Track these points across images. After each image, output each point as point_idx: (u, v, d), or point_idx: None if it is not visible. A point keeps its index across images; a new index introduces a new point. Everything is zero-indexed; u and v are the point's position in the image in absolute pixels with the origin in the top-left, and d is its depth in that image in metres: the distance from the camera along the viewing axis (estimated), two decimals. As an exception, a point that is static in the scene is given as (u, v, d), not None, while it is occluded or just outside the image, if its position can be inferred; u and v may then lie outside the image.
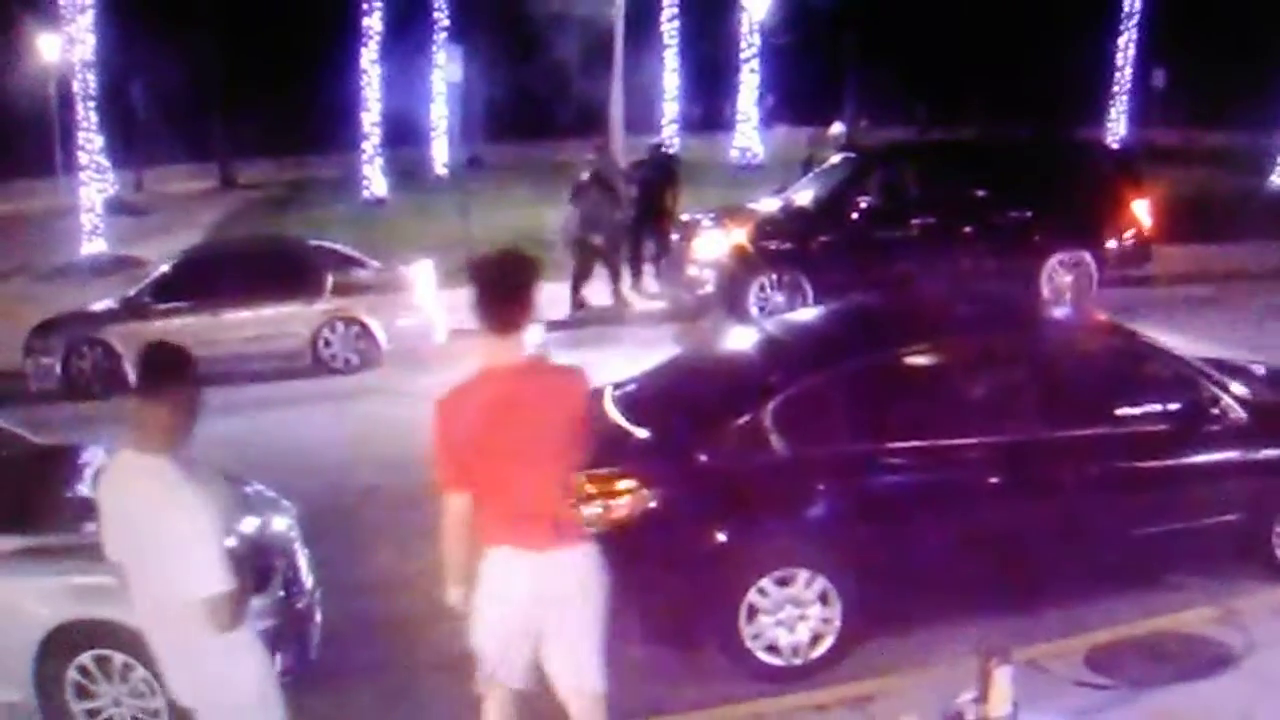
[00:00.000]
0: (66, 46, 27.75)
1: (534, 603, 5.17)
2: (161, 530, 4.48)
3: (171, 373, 4.63)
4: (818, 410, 7.35)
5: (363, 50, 31.96)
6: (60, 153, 31.55)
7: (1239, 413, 7.83)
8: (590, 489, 6.83)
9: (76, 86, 26.62)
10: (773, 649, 7.18)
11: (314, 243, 17.66)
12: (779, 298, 15.95)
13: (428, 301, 16.18)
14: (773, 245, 16.36)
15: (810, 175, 19.43)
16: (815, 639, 7.23)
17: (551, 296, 19.19)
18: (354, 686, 7.46)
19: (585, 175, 18.19)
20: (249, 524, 7.47)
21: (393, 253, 18.70)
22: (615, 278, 18.05)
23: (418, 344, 15.92)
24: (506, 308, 5.06)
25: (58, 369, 15.25)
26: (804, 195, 17.75)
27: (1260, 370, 8.91)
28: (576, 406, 5.20)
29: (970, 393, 7.86)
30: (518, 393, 5.06)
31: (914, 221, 16.49)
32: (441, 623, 8.11)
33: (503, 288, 5.08)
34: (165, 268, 16.37)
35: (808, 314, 11.13)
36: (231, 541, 4.74)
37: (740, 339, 9.10)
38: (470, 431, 5.04)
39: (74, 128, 26.96)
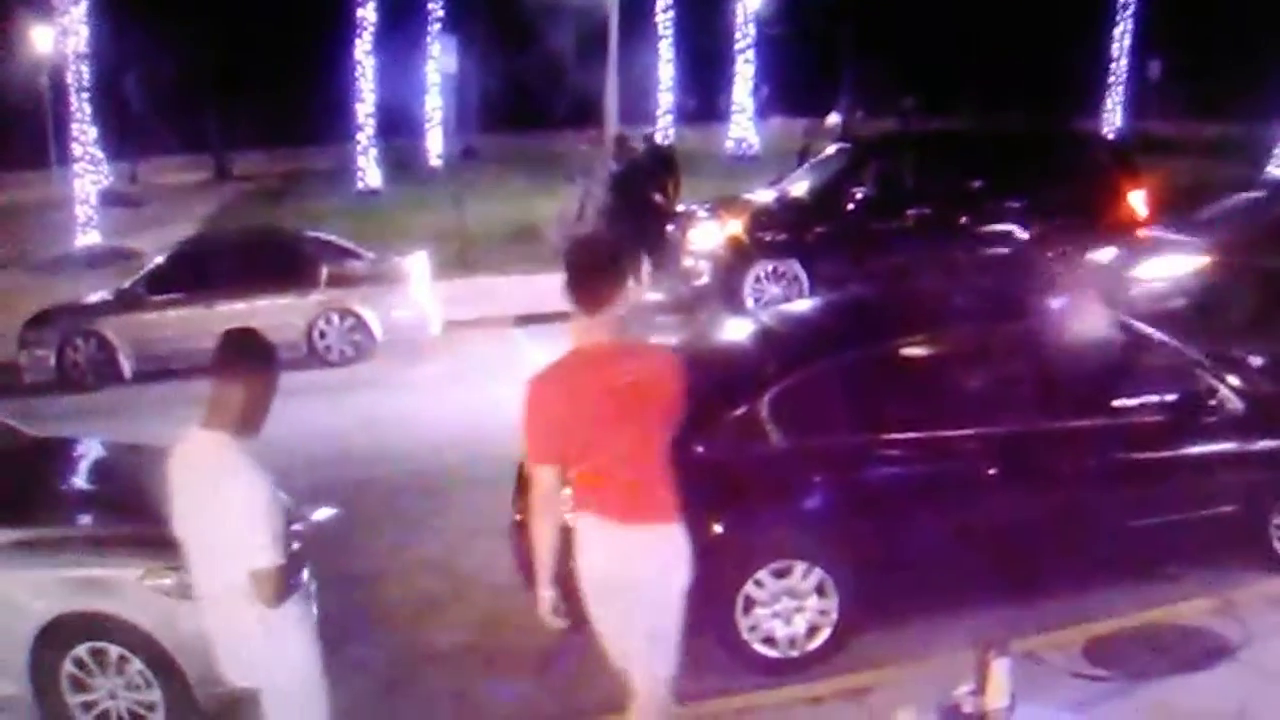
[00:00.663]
0: (60, 38, 27.67)
1: (617, 576, 5.21)
2: (219, 503, 4.61)
3: (247, 357, 4.80)
4: (814, 402, 7.32)
5: (357, 41, 31.92)
6: (54, 144, 31.52)
7: (1236, 403, 7.81)
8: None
9: (70, 78, 26.55)
10: (769, 641, 7.18)
11: (308, 234, 17.68)
12: (774, 289, 15.90)
13: (422, 293, 16.18)
14: (768, 236, 16.29)
15: (806, 166, 19.42)
16: (812, 631, 7.22)
17: (544, 289, 19.25)
18: (349, 681, 7.42)
19: (618, 165, 18.26)
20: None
21: (387, 244, 18.69)
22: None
23: (412, 336, 15.93)
24: (598, 287, 5.13)
25: (52, 361, 15.22)
26: (799, 186, 17.70)
27: (1257, 361, 8.89)
28: (667, 384, 5.23)
29: (967, 384, 7.83)
30: (608, 370, 5.12)
31: (909, 212, 16.42)
32: (436, 614, 8.26)
33: (594, 268, 5.18)
34: (159, 259, 16.36)
35: (804, 305, 11.11)
36: (284, 523, 4.79)
37: (736, 330, 9.08)
38: (561, 408, 5.14)
39: (68, 119, 26.91)
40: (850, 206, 16.55)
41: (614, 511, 5.19)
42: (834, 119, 35.15)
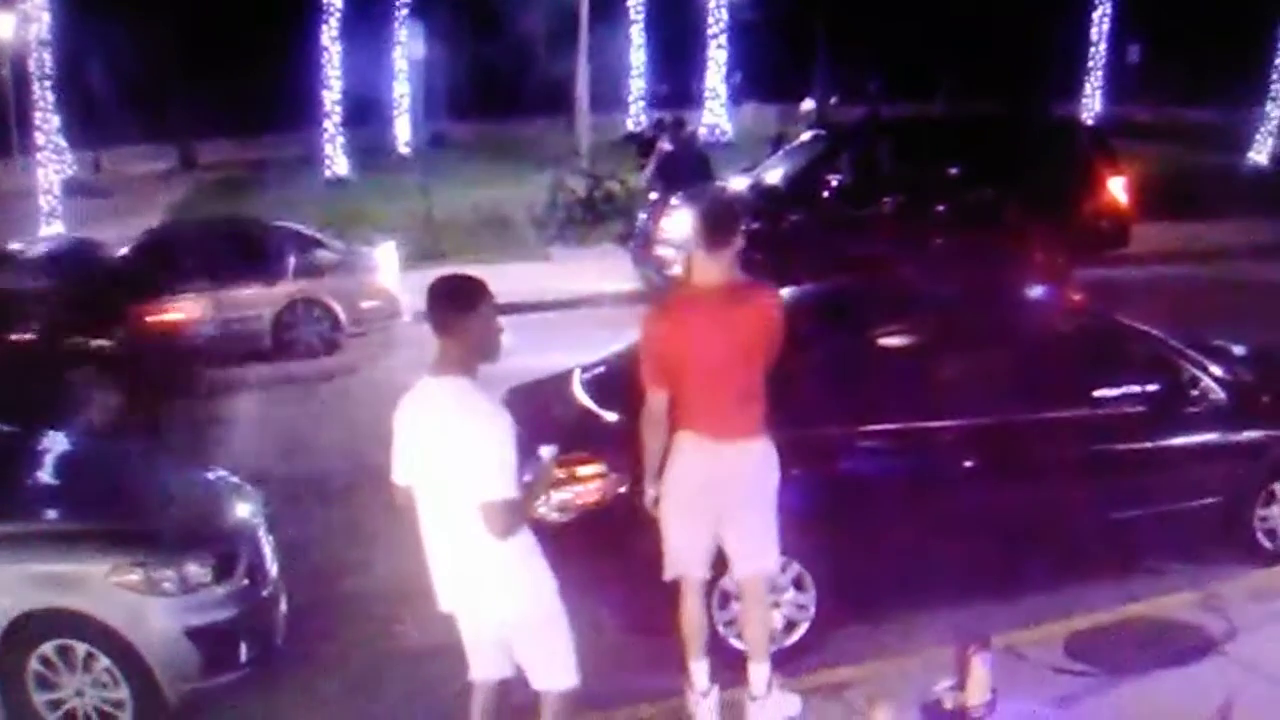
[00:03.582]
0: (21, 25, 27.44)
1: (710, 486, 5.93)
2: (453, 438, 4.83)
3: (454, 304, 4.99)
4: (790, 393, 7.21)
5: (323, 27, 31.70)
6: (16, 134, 31.23)
7: (1218, 394, 7.81)
8: (559, 473, 6.73)
9: (32, 66, 26.33)
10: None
11: (275, 224, 17.45)
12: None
13: (391, 283, 16.00)
14: (742, 224, 16.12)
15: (780, 153, 19.23)
16: (789, 626, 7.16)
17: (515, 277, 19.15)
18: (320, 675, 7.43)
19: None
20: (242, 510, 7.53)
21: (355, 233, 18.53)
22: None
23: (381, 326, 15.80)
24: (719, 229, 5.93)
25: (16, 354, 14.97)
26: (774, 174, 17.52)
27: (1240, 350, 8.88)
28: (769, 318, 5.95)
29: (946, 375, 7.76)
30: (718, 303, 5.86)
31: (886, 200, 16.29)
32: (407, 607, 8.16)
33: (715, 214, 6.05)
34: (125, 250, 16.10)
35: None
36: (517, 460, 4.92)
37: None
38: (673, 335, 5.95)
39: (30, 108, 26.66)
40: (825, 194, 16.39)
41: (709, 429, 5.90)
42: (808, 105, 35.01)
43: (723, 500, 5.97)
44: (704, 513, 6.02)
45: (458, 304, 5.00)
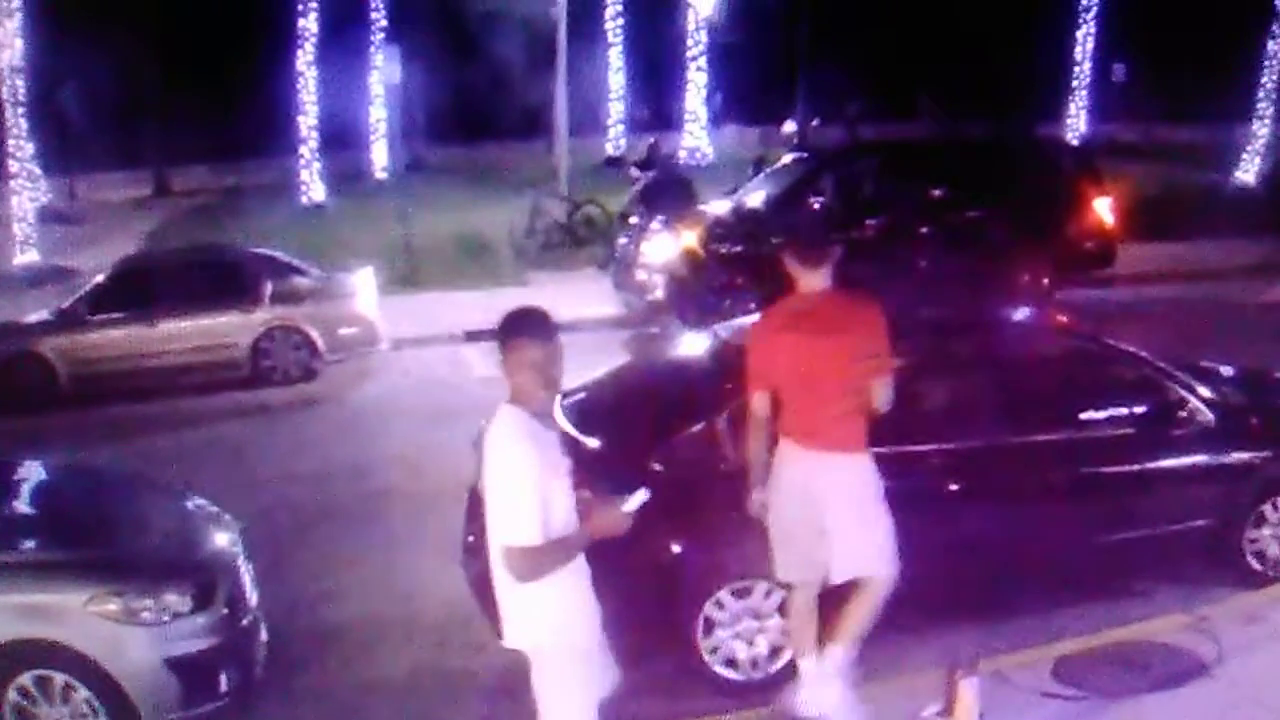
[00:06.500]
0: (-6, 52, 27.26)
1: (809, 496, 6.09)
2: (497, 474, 4.83)
3: (518, 331, 4.97)
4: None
5: (299, 52, 31.57)
6: (-11, 161, 31.01)
7: (1207, 415, 7.80)
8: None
9: (5, 92, 26.09)
10: (731, 663, 7.11)
11: (252, 250, 17.38)
12: (731, 302, 15.63)
13: (369, 309, 15.90)
14: (724, 248, 16.04)
15: (762, 176, 19.18)
16: (775, 652, 7.12)
17: (493, 304, 19.04)
18: (299, 706, 7.42)
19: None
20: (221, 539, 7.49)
21: (333, 260, 18.45)
22: None
23: (359, 353, 15.73)
24: (817, 245, 6.22)
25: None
26: (755, 196, 17.36)
27: (1228, 371, 8.88)
28: (872, 330, 6.01)
29: (932, 398, 7.75)
30: (820, 314, 6.05)
31: (869, 222, 16.22)
32: (387, 637, 8.11)
33: (815, 228, 6.60)
34: (100, 278, 15.98)
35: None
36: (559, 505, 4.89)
37: (692, 345, 8.93)
38: (778, 343, 6.16)
39: (4, 135, 26.47)
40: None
41: (805, 438, 6.07)
42: (790, 127, 34.98)
43: (821, 510, 6.10)
44: (806, 520, 6.14)
45: (500, 333, 5.00)
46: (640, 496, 5.09)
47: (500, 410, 4.91)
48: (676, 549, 6.89)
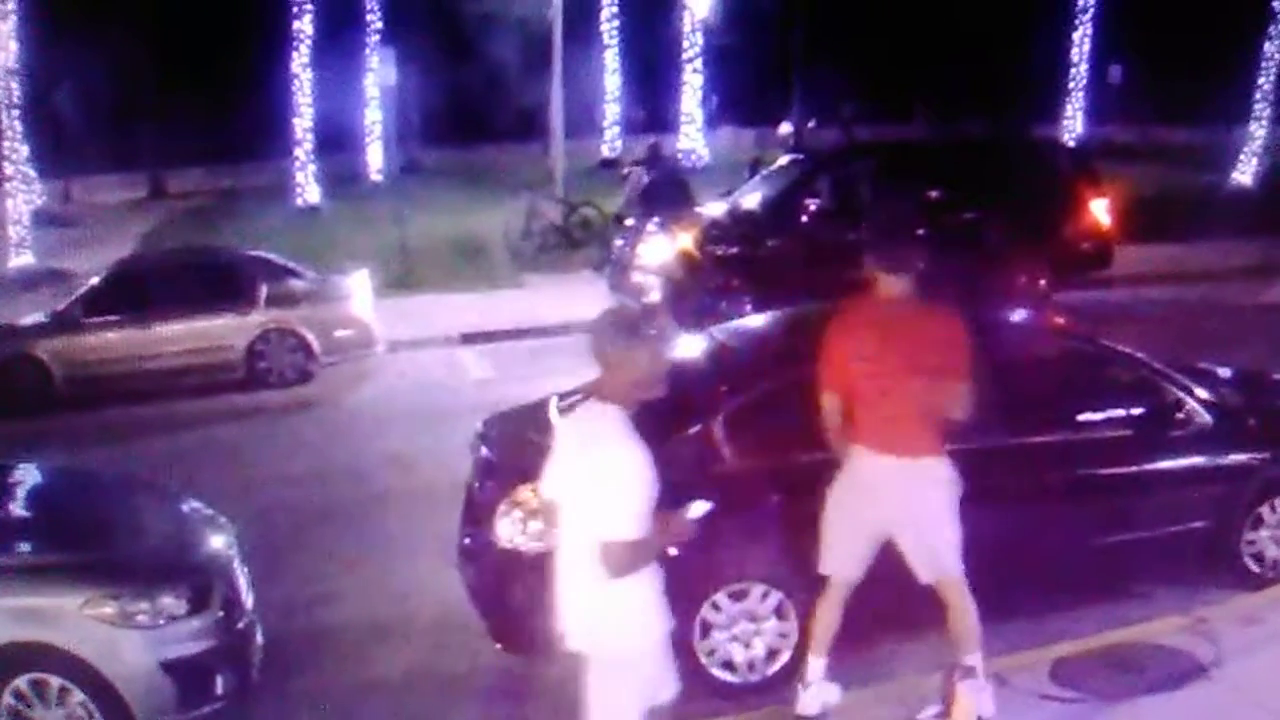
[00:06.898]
0: (-12, 54, 27.22)
1: (875, 500, 6.11)
2: (598, 468, 4.79)
3: (622, 334, 4.90)
4: (770, 420, 7.17)
5: (294, 55, 31.57)
6: (-15, 163, 30.96)
7: (1204, 417, 7.78)
8: (537, 502, 6.66)
9: (0, 95, 26.10)
10: (728, 665, 7.08)
11: (247, 253, 17.35)
12: (727, 304, 15.60)
13: (364, 312, 15.89)
14: (720, 250, 16.03)
15: (758, 178, 19.16)
16: (772, 654, 7.11)
17: (489, 306, 19.07)
18: (295, 708, 7.41)
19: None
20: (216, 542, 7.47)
21: (328, 262, 18.43)
22: None
23: (355, 355, 15.72)
24: (896, 249, 6.13)
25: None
26: (752, 198, 17.37)
27: (1226, 373, 8.86)
28: (949, 338, 6.02)
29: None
30: (898, 320, 6.03)
31: (866, 224, 16.19)
32: (383, 639, 8.10)
33: (894, 232, 6.24)
34: (96, 280, 15.98)
35: (758, 321, 10.91)
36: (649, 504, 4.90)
37: (689, 347, 8.89)
38: (852, 346, 6.13)
39: (-1, 137, 26.45)
40: (804, 219, 16.29)
41: (877, 443, 6.08)
42: (785, 128, 34.95)
43: (888, 514, 6.14)
44: (866, 523, 6.19)
45: (613, 333, 4.95)
46: (702, 505, 5.14)
47: (593, 407, 4.93)
48: (672, 551, 6.86)
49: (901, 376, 5.95)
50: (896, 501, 6.09)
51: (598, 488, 4.78)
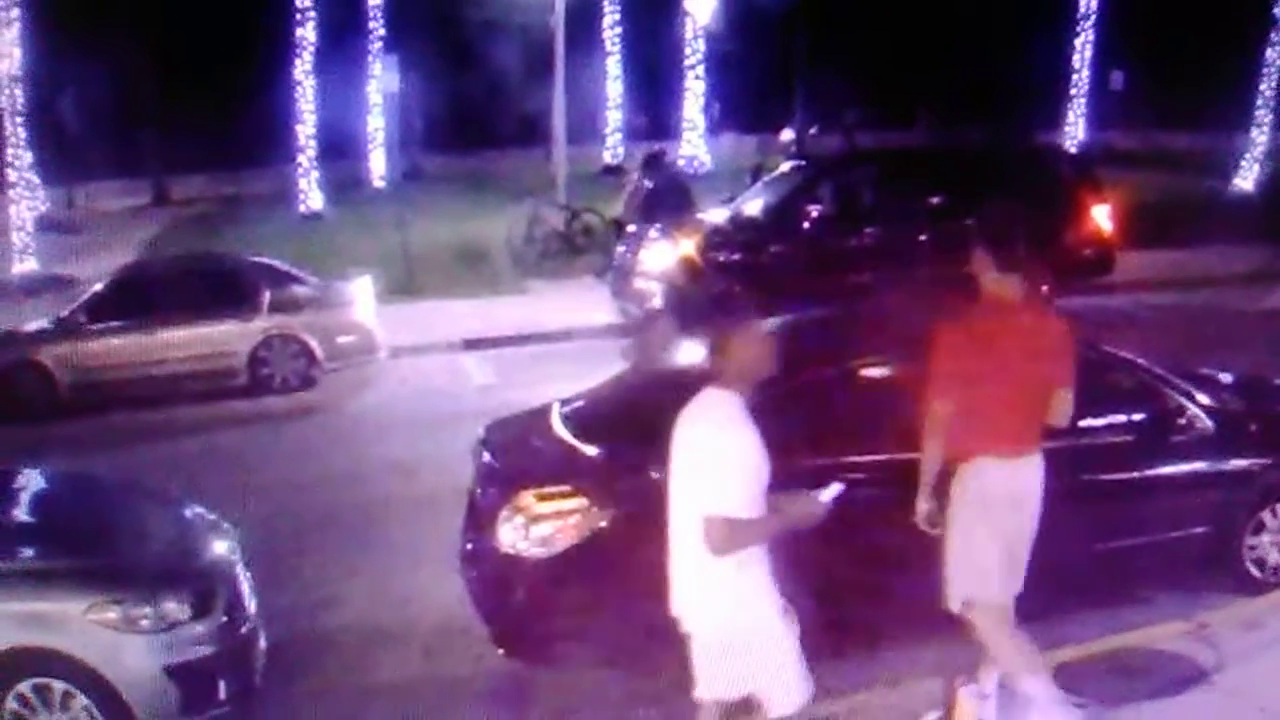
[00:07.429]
0: (-8, 61, 27.25)
1: (1016, 503, 6.03)
2: (708, 449, 4.93)
3: (730, 319, 5.10)
4: (769, 424, 7.14)
5: (296, 62, 31.58)
6: (-11, 170, 31.00)
7: (1206, 422, 7.78)
8: (539, 508, 6.69)
9: (4, 101, 26.08)
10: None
11: (250, 259, 17.41)
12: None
13: (367, 318, 15.90)
14: (722, 256, 16.02)
15: (760, 184, 19.17)
16: None
17: (492, 311, 19.07)
18: (298, 712, 7.44)
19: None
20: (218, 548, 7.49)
21: (331, 268, 18.44)
22: None
23: (358, 361, 15.72)
24: (1013, 250, 5.94)
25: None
26: (754, 205, 17.37)
27: (1227, 378, 8.86)
28: (1060, 340, 6.01)
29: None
30: (1012, 322, 5.93)
31: (867, 230, 16.24)
32: (384, 644, 8.11)
33: (1008, 233, 6.01)
34: (99, 287, 16.03)
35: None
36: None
37: (691, 353, 8.89)
38: (967, 350, 5.93)
39: (3, 144, 26.45)
40: (806, 225, 16.30)
41: (1011, 447, 5.97)
42: (787, 134, 34.92)
43: (1024, 515, 6.09)
44: (1022, 530, 6.12)
45: (726, 316, 5.18)
46: (835, 489, 5.23)
47: (709, 393, 5.03)
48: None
49: (1031, 374, 5.91)
50: (1031, 502, 6.08)
51: (701, 466, 4.92)
